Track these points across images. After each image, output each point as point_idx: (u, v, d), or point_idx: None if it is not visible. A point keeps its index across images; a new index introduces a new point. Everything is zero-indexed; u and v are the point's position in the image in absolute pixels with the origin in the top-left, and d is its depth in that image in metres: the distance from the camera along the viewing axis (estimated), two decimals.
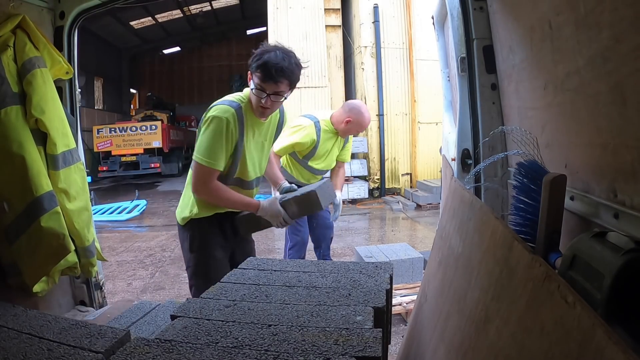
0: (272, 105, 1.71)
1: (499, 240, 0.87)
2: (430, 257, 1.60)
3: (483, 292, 0.86)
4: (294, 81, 1.71)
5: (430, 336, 1.20)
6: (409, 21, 8.28)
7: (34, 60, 1.63)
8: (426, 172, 8.21)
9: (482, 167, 1.58)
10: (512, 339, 0.69)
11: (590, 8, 0.91)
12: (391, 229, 6.25)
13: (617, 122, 0.89)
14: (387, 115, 8.30)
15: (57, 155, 1.66)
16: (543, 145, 1.20)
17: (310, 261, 1.50)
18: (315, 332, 0.92)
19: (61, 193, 1.66)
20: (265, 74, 1.64)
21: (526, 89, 1.40)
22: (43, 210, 1.54)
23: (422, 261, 3.38)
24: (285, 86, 1.69)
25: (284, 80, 1.66)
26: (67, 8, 1.97)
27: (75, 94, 2.05)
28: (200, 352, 0.84)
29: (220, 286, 1.23)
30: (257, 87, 1.68)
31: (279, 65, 1.63)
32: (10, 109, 1.53)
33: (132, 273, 4.25)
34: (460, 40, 1.79)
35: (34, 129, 1.60)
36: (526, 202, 1.13)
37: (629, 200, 0.89)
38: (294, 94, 1.86)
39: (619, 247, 0.74)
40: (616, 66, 0.86)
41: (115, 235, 5.80)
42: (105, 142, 11.49)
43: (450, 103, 2.40)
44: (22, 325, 1.04)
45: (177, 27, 16.40)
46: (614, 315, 0.69)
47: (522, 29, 1.35)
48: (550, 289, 0.61)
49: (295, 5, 8.30)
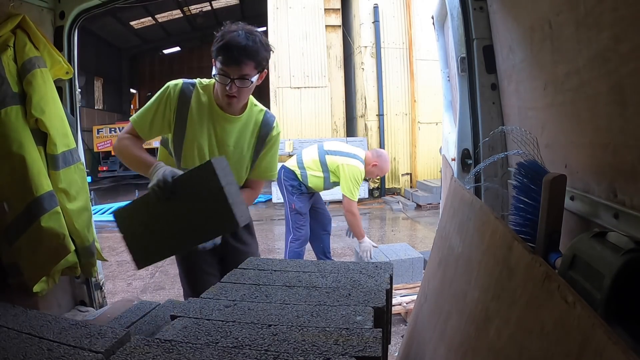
0: (239, 92, 1.53)
1: (499, 240, 0.87)
2: (430, 257, 1.60)
3: (483, 292, 0.86)
4: (260, 62, 1.52)
5: (430, 336, 1.20)
6: (409, 21, 8.29)
7: (34, 60, 1.63)
8: (426, 172, 8.22)
9: (482, 167, 1.58)
10: (512, 339, 0.69)
11: (590, 8, 0.91)
12: (391, 229, 6.25)
13: (617, 122, 0.89)
14: (387, 115, 8.30)
15: (57, 155, 1.66)
16: (543, 145, 1.20)
17: (310, 261, 1.50)
18: (315, 332, 0.92)
19: (61, 193, 1.67)
20: (228, 56, 1.47)
21: (526, 89, 1.40)
22: (43, 210, 1.55)
23: (422, 261, 3.38)
24: (250, 68, 1.50)
25: (249, 62, 1.48)
26: (67, 8, 1.97)
27: (75, 94, 2.05)
28: (200, 352, 0.84)
29: (220, 286, 1.23)
30: (220, 73, 1.51)
31: (241, 45, 1.46)
32: (10, 109, 1.54)
33: (132, 273, 4.25)
34: (460, 40, 1.79)
35: (34, 129, 1.61)
36: (526, 202, 1.13)
37: (629, 200, 0.89)
38: (294, 94, 1.83)
39: (619, 247, 0.74)
40: (616, 66, 0.86)
41: (115, 235, 5.76)
42: (105, 142, 11.51)
43: (450, 103, 2.40)
44: (22, 325, 1.04)
45: (177, 27, 16.40)
46: (614, 315, 0.69)
47: (522, 29, 1.35)
48: (550, 289, 0.61)
49: (295, 5, 8.31)
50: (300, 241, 3.31)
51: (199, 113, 1.61)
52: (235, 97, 1.55)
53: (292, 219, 3.30)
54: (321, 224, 3.47)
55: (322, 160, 3.28)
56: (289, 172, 3.34)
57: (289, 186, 3.32)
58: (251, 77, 1.52)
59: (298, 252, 3.32)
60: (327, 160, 3.28)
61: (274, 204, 7.73)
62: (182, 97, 1.60)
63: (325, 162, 3.27)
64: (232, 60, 1.47)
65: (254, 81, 1.55)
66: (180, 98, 1.60)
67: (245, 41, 1.47)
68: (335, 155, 3.30)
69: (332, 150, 3.34)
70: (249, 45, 1.47)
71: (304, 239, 3.32)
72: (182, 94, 1.60)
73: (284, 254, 3.41)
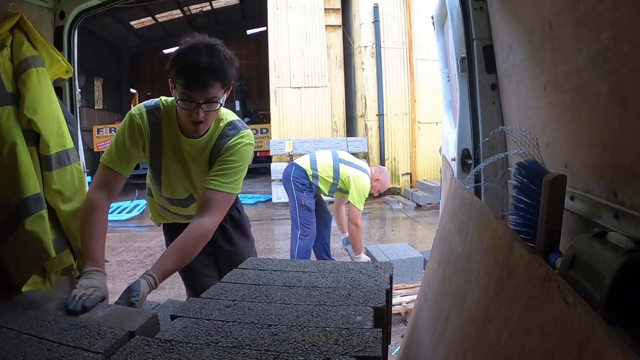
0: (205, 117, 1.36)
1: (499, 240, 0.87)
2: (430, 257, 1.60)
3: (483, 292, 0.86)
4: (228, 81, 1.35)
5: (430, 336, 1.20)
6: (409, 21, 8.28)
7: (30, 59, 1.62)
8: (426, 172, 8.21)
9: (482, 167, 1.58)
10: (512, 339, 0.69)
11: (590, 8, 0.91)
12: (391, 229, 6.25)
13: (617, 122, 0.89)
14: (387, 115, 8.30)
15: (50, 156, 1.64)
16: (543, 145, 1.20)
17: (310, 261, 1.50)
18: (315, 332, 0.92)
19: (55, 194, 1.64)
20: (191, 80, 1.29)
21: (526, 89, 1.40)
22: (28, 213, 1.53)
23: (422, 261, 3.38)
24: (217, 89, 1.33)
25: (215, 83, 1.31)
26: (67, 8, 1.97)
27: (75, 93, 2.05)
28: (200, 352, 0.84)
29: (220, 286, 1.23)
30: (183, 98, 1.32)
31: (204, 65, 1.27)
32: (2, 109, 1.52)
33: (132, 273, 4.25)
34: (460, 40, 1.79)
35: (26, 130, 1.59)
36: (526, 202, 1.13)
37: (629, 200, 0.88)
38: (294, 93, 1.80)
39: (619, 247, 0.74)
40: (616, 66, 0.86)
41: (115, 235, 5.80)
42: (106, 142, 11.51)
43: (450, 103, 2.40)
44: (21, 326, 1.04)
45: (177, 27, 16.36)
46: (614, 315, 0.69)
47: (522, 29, 1.35)
48: (550, 289, 0.61)
49: (295, 5, 8.30)
50: (310, 237, 3.46)
51: (170, 138, 1.48)
52: (203, 122, 1.38)
53: (300, 215, 3.44)
54: (323, 221, 3.65)
55: (335, 167, 3.46)
56: (300, 169, 3.48)
57: (299, 183, 3.45)
58: (219, 98, 1.36)
59: (308, 248, 3.47)
60: (340, 168, 3.45)
61: (274, 204, 7.73)
62: (152, 124, 1.46)
63: (338, 170, 3.44)
64: (197, 83, 1.29)
65: (222, 102, 1.40)
66: (151, 125, 1.46)
67: (208, 59, 1.28)
68: (347, 165, 3.48)
69: (345, 160, 3.52)
70: (214, 63, 1.29)
71: (312, 234, 3.48)
72: (151, 121, 1.46)
73: (291, 251, 3.53)
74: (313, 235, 3.49)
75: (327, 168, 3.45)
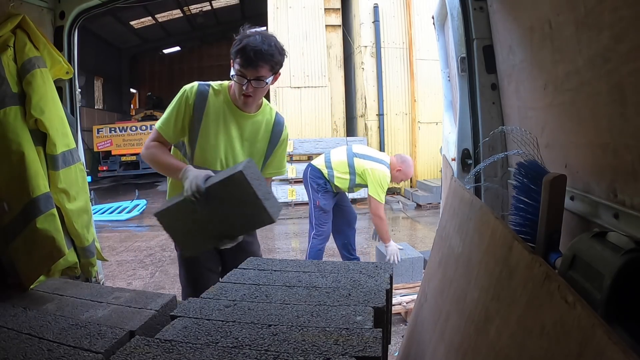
0: (254, 92, 1.65)
1: (499, 240, 0.87)
2: (430, 257, 1.60)
3: (483, 292, 0.86)
4: (275, 65, 1.63)
5: (430, 336, 1.21)
6: (409, 21, 8.28)
7: (33, 60, 1.63)
8: (426, 172, 8.21)
9: (482, 167, 1.59)
10: (512, 339, 0.69)
11: (590, 8, 0.91)
12: (391, 229, 6.24)
13: (617, 122, 0.89)
14: (387, 115, 8.30)
15: (57, 156, 1.66)
16: (543, 145, 1.20)
17: (310, 261, 1.50)
18: (315, 332, 0.92)
19: (61, 193, 1.66)
20: (245, 59, 1.58)
21: (526, 89, 1.40)
22: (39, 211, 1.54)
23: (422, 261, 3.38)
24: (266, 71, 1.61)
25: (264, 65, 1.60)
26: (67, 8, 1.97)
27: (75, 94, 2.05)
28: (200, 352, 0.84)
29: (220, 286, 1.23)
30: (238, 74, 1.62)
31: (257, 49, 1.56)
32: (9, 109, 1.53)
33: (132, 273, 4.25)
34: (460, 40, 1.79)
35: (33, 130, 1.60)
36: (526, 202, 1.13)
37: (629, 200, 0.89)
38: (294, 93, 1.86)
39: (619, 247, 0.74)
40: (616, 66, 0.86)
41: (115, 235, 5.80)
42: (105, 141, 11.50)
43: (450, 103, 2.40)
44: (21, 325, 1.04)
45: (177, 27, 16.39)
46: (614, 315, 0.69)
47: (522, 29, 1.35)
48: (550, 289, 0.61)
49: (295, 5, 8.30)
50: (323, 237, 3.48)
51: (215, 111, 1.71)
52: (251, 97, 1.66)
53: (315, 216, 3.47)
54: (347, 220, 3.63)
55: (350, 163, 3.44)
56: (316, 170, 3.48)
57: (314, 184, 3.46)
58: (266, 78, 1.63)
59: (320, 248, 3.49)
60: (355, 163, 3.42)
61: None
62: (199, 96, 1.70)
63: (353, 165, 3.42)
64: (249, 62, 1.57)
65: (269, 82, 1.66)
66: (197, 97, 1.70)
67: (261, 45, 1.57)
68: (363, 159, 3.44)
69: (360, 153, 3.48)
70: (265, 48, 1.57)
71: (325, 235, 3.50)
72: (199, 94, 1.70)
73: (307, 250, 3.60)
74: (326, 236, 3.51)
75: (342, 165, 3.44)
